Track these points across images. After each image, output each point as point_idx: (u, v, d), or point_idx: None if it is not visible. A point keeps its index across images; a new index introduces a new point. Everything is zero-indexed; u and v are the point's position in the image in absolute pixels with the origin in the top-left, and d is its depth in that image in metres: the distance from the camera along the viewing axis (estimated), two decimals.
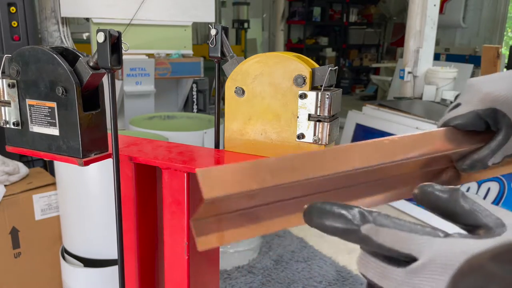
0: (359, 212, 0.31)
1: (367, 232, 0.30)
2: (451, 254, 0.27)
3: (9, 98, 0.65)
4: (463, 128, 0.49)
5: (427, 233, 0.29)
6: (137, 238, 0.72)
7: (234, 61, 0.67)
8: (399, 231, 0.29)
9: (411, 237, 0.29)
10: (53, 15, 2.59)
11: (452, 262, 0.27)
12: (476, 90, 0.49)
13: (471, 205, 0.30)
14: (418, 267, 0.28)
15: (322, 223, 0.32)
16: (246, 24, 6.42)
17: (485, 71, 3.23)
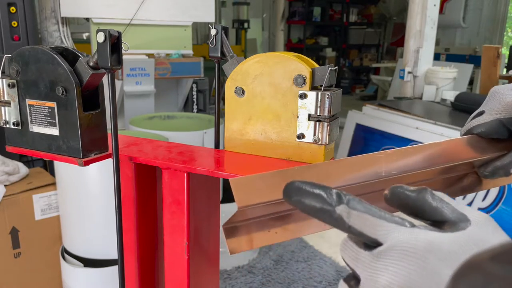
0: (336, 194, 0.32)
1: (340, 213, 0.31)
2: (413, 241, 0.29)
3: (9, 98, 0.65)
4: (486, 136, 0.50)
5: (395, 221, 0.31)
6: (137, 238, 0.72)
7: (234, 61, 0.67)
8: (369, 215, 0.31)
9: (379, 223, 0.31)
10: (53, 15, 2.59)
11: (412, 249, 0.29)
12: (500, 98, 0.49)
13: (438, 203, 0.32)
14: (381, 252, 0.30)
15: (300, 201, 0.33)
16: (246, 24, 6.42)
17: (485, 71, 3.23)
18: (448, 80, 3.38)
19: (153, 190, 0.74)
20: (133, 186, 0.70)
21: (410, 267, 0.29)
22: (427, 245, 0.29)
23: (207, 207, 0.71)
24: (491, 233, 0.30)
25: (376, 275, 0.30)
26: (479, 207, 2.31)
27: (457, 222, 0.30)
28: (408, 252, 0.29)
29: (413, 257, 0.29)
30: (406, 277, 0.28)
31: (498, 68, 3.11)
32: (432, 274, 0.28)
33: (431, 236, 0.30)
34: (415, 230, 0.30)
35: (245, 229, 0.42)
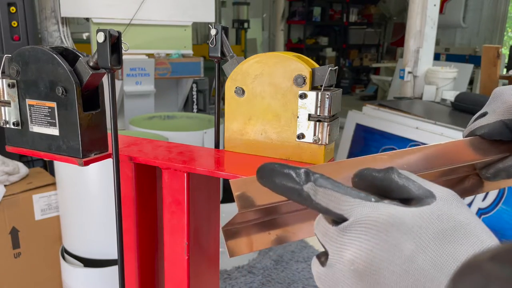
0: (304, 172, 0.33)
1: (307, 191, 0.32)
2: (376, 215, 0.29)
3: (9, 98, 0.65)
4: (489, 137, 0.49)
5: (359, 196, 0.31)
6: (137, 238, 0.72)
7: (234, 61, 0.67)
8: (334, 192, 0.32)
9: (344, 199, 0.31)
10: (53, 15, 2.59)
11: (375, 223, 0.29)
12: (504, 99, 0.48)
13: (404, 181, 0.32)
14: (346, 226, 0.31)
15: (272, 181, 0.34)
16: (246, 24, 6.42)
17: (485, 71, 3.23)
18: (448, 80, 3.38)
19: (153, 190, 0.74)
20: (133, 186, 0.70)
21: (372, 241, 0.29)
22: (389, 218, 0.29)
23: (207, 207, 0.71)
24: (456, 209, 0.30)
25: (341, 250, 0.31)
26: (479, 207, 2.31)
27: (423, 198, 0.31)
28: (371, 225, 0.29)
29: (376, 230, 0.29)
30: (369, 250, 0.29)
31: (498, 68, 3.11)
32: (394, 248, 0.28)
33: (394, 210, 0.30)
34: (379, 204, 0.31)
35: (245, 232, 0.42)
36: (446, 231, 0.28)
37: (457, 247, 0.27)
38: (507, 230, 2.16)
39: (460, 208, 0.30)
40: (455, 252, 0.27)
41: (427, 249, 0.28)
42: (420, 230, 0.28)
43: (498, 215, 2.22)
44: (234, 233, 0.41)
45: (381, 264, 0.28)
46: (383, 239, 0.29)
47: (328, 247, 0.32)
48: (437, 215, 0.29)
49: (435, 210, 0.29)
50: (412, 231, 0.28)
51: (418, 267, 0.27)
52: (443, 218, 0.29)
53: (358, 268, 0.29)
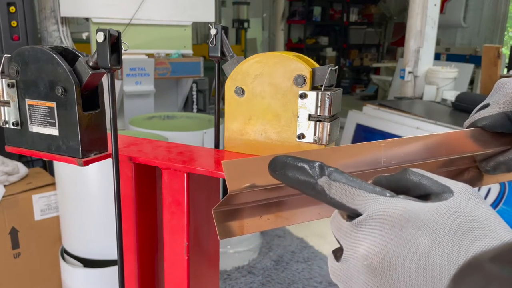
0: (318, 166, 0.32)
1: (322, 185, 0.32)
2: (390, 210, 0.29)
3: (8, 98, 0.65)
4: (490, 129, 0.48)
5: (374, 191, 0.31)
6: (137, 239, 0.72)
7: (234, 61, 0.66)
8: (349, 186, 0.31)
9: (358, 193, 0.31)
10: (52, 14, 2.59)
11: (389, 218, 0.29)
12: (506, 91, 0.48)
13: (419, 178, 0.32)
14: (360, 221, 0.30)
15: (284, 174, 0.33)
16: (246, 23, 6.42)
17: (485, 71, 3.22)
18: (449, 80, 3.38)
19: (153, 190, 0.73)
20: (133, 186, 0.69)
21: (387, 236, 0.28)
22: (404, 213, 0.28)
23: (207, 207, 0.71)
24: (474, 204, 0.29)
25: (356, 245, 0.30)
26: None
27: (440, 194, 0.30)
28: (385, 220, 0.29)
29: (390, 225, 0.28)
30: (383, 246, 0.28)
31: (499, 68, 3.11)
32: (409, 243, 0.28)
33: (409, 205, 0.29)
34: (394, 199, 0.30)
35: (237, 214, 0.41)
36: (464, 227, 0.27)
37: (475, 243, 0.27)
38: None
39: (478, 203, 0.29)
40: (472, 248, 0.27)
41: (443, 244, 0.27)
42: (436, 225, 0.28)
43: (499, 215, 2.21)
44: (225, 215, 0.41)
45: (396, 260, 0.28)
46: (397, 234, 0.28)
47: (342, 242, 0.32)
48: (454, 211, 0.28)
49: (453, 205, 0.29)
50: (428, 227, 0.28)
51: (434, 263, 0.27)
52: (461, 214, 0.28)
53: (371, 264, 0.29)
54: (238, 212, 0.41)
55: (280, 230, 2.86)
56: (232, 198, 0.39)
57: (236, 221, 0.41)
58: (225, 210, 0.41)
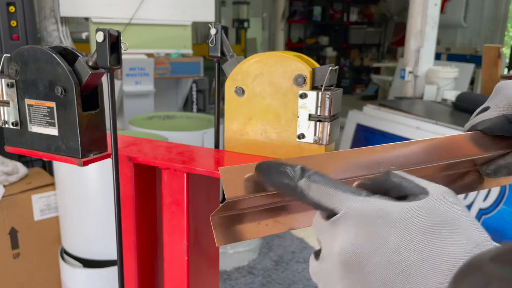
0: (299, 169, 0.34)
1: (301, 186, 0.33)
2: (363, 208, 0.30)
3: (8, 98, 0.65)
4: (490, 132, 0.48)
5: (350, 191, 0.32)
6: (137, 239, 0.72)
7: (234, 60, 0.66)
8: (326, 187, 0.33)
9: (335, 193, 0.32)
10: (52, 14, 2.58)
11: (362, 215, 0.30)
12: (506, 94, 0.47)
13: (398, 180, 0.33)
14: (336, 219, 0.32)
15: (269, 177, 0.36)
16: (246, 23, 6.42)
17: (486, 71, 3.22)
18: (449, 80, 3.37)
19: (153, 190, 0.73)
20: (133, 186, 0.69)
21: (359, 232, 0.30)
22: (377, 211, 0.30)
23: (207, 207, 0.71)
24: (447, 205, 0.30)
25: (332, 242, 0.31)
26: (480, 208, 2.30)
27: (416, 195, 0.31)
28: (359, 217, 0.30)
29: (364, 222, 0.30)
30: (356, 241, 0.29)
31: (499, 68, 3.10)
32: (380, 239, 0.29)
33: (383, 203, 0.30)
34: (368, 198, 0.31)
35: (235, 221, 0.41)
36: (434, 225, 0.28)
37: (444, 240, 0.27)
38: (508, 230, 2.16)
39: (452, 204, 0.30)
40: (441, 246, 0.27)
41: (413, 241, 0.28)
42: (407, 222, 0.29)
43: (499, 215, 2.21)
44: (222, 222, 0.41)
45: (368, 255, 0.29)
46: (369, 231, 0.29)
47: (321, 240, 0.33)
48: (426, 210, 0.29)
49: (425, 205, 0.30)
50: (399, 224, 0.29)
51: (404, 258, 0.28)
52: (432, 213, 0.29)
53: (345, 259, 0.30)
54: (236, 218, 0.41)
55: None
56: (230, 205, 0.39)
57: (234, 227, 0.41)
58: (223, 216, 0.40)
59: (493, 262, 0.23)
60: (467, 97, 2.95)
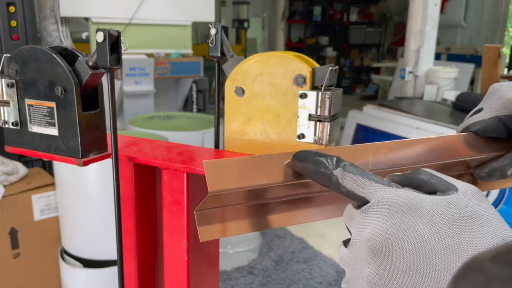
0: (336, 159, 0.36)
1: (336, 175, 0.35)
2: (395, 198, 0.32)
3: (8, 98, 0.65)
4: (484, 134, 0.48)
5: (382, 182, 0.34)
6: (137, 239, 0.72)
7: (234, 60, 0.66)
8: (360, 177, 0.35)
9: (368, 183, 0.34)
10: (52, 14, 2.58)
11: (393, 204, 0.31)
12: (500, 95, 0.47)
13: (429, 178, 0.34)
14: (368, 208, 0.33)
15: (305, 166, 0.38)
16: (246, 23, 6.42)
17: (486, 71, 3.22)
18: (449, 80, 3.37)
19: (153, 190, 0.73)
20: (133, 186, 0.69)
21: (390, 220, 0.31)
22: (407, 201, 0.31)
23: None
24: (475, 201, 0.31)
25: (362, 229, 0.33)
26: None
27: (446, 190, 0.32)
28: (390, 206, 0.32)
29: (394, 211, 0.31)
30: (385, 229, 0.31)
31: (499, 68, 3.10)
32: (409, 228, 0.30)
33: (413, 195, 0.32)
34: (400, 189, 0.33)
35: (219, 216, 0.41)
36: (462, 219, 0.29)
37: (472, 234, 0.28)
38: None
39: (480, 201, 0.31)
40: (468, 238, 0.28)
41: (441, 232, 0.29)
42: (436, 214, 0.30)
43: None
44: (207, 217, 0.40)
45: (396, 242, 0.30)
46: (399, 219, 0.31)
47: (351, 228, 0.35)
48: (454, 204, 0.30)
49: (454, 199, 0.31)
50: (428, 215, 0.30)
51: (431, 247, 0.29)
52: (461, 207, 0.30)
53: (374, 245, 0.31)
54: (221, 213, 0.41)
55: (280, 230, 2.86)
56: (214, 199, 0.39)
57: (218, 223, 0.41)
58: (207, 211, 0.40)
59: (493, 262, 0.23)
60: (467, 97, 2.95)
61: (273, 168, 0.39)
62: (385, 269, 0.30)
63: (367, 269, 0.31)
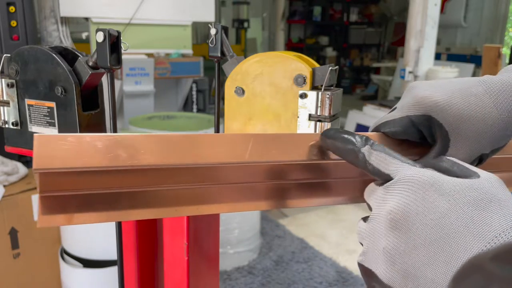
0: (364, 138, 0.37)
1: (364, 152, 0.36)
2: (418, 175, 0.32)
3: (8, 98, 0.65)
4: (394, 135, 0.44)
5: (407, 162, 0.35)
6: (137, 239, 0.72)
7: (234, 60, 0.66)
8: (386, 155, 0.35)
9: (392, 161, 0.35)
10: (52, 14, 2.58)
11: (416, 181, 0.32)
12: (413, 93, 0.43)
13: (451, 165, 0.35)
14: (390, 184, 0.34)
15: (334, 143, 0.39)
16: (246, 23, 6.42)
17: (486, 71, 3.22)
18: None
19: None
20: None
21: (411, 196, 0.32)
22: (430, 179, 0.32)
23: None
24: (496, 187, 0.31)
25: (383, 204, 0.34)
26: None
27: (468, 176, 0.33)
28: (412, 183, 0.32)
29: (416, 187, 0.32)
30: (407, 204, 0.32)
31: (499, 68, 3.10)
32: (430, 204, 0.31)
33: (436, 174, 0.32)
34: (423, 169, 0.34)
35: (67, 202, 0.37)
36: (482, 201, 0.30)
37: (489, 215, 0.29)
38: None
39: (500, 187, 0.32)
40: (486, 218, 0.29)
41: (460, 211, 0.29)
42: (457, 194, 0.30)
43: None
44: (51, 200, 0.36)
45: (416, 216, 0.31)
46: (421, 196, 0.31)
47: (372, 204, 0.36)
48: (476, 187, 0.31)
49: (475, 183, 0.31)
50: (449, 194, 0.31)
51: (450, 223, 0.29)
52: (481, 191, 0.31)
53: (394, 218, 0.32)
54: (69, 199, 0.37)
55: (280, 230, 2.86)
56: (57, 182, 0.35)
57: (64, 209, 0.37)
58: (53, 195, 0.36)
59: (493, 262, 0.23)
60: None
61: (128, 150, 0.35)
62: (403, 241, 0.31)
63: (385, 241, 0.32)
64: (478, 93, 0.40)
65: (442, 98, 0.41)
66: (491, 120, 0.40)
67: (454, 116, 0.40)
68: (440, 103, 0.41)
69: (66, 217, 0.37)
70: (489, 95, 0.40)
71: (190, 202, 0.41)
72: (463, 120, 0.40)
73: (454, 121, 0.40)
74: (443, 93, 0.41)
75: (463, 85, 0.42)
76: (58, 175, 0.35)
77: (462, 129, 0.41)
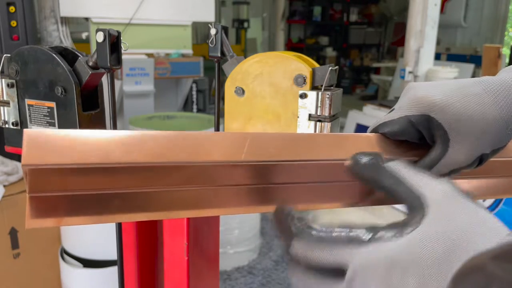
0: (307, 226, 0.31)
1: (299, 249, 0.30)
2: (375, 261, 0.28)
3: (8, 98, 0.65)
4: (392, 136, 0.43)
5: (352, 240, 0.29)
6: (137, 239, 0.72)
7: (234, 60, 0.66)
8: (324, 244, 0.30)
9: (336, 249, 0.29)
10: (52, 14, 2.58)
11: (377, 269, 0.27)
12: (411, 94, 0.42)
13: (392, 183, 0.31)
14: (349, 279, 0.29)
15: None
16: (246, 23, 6.42)
17: (486, 71, 3.22)
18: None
19: None
20: None
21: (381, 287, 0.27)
22: (387, 263, 0.27)
23: None
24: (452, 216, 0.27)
25: None
26: None
27: (413, 211, 0.29)
28: (373, 272, 0.28)
29: (380, 276, 0.28)
30: None
31: (499, 68, 3.10)
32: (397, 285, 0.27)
33: (388, 250, 0.28)
34: (373, 247, 0.29)
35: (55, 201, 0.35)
36: (444, 253, 0.26)
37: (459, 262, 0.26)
38: None
39: (457, 210, 0.28)
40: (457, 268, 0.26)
41: (429, 279, 0.26)
42: (415, 263, 0.26)
43: (499, 215, 2.21)
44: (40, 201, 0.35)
45: None
46: (387, 285, 0.27)
47: None
48: (428, 239, 0.27)
49: (426, 232, 0.27)
50: (410, 267, 0.26)
51: None
52: (437, 238, 0.27)
53: None
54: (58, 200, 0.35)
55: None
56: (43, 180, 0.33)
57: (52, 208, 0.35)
58: (44, 196, 0.35)
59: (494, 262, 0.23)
60: None
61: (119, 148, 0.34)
62: None
63: None
64: (477, 92, 0.40)
65: (441, 98, 0.40)
66: (491, 118, 0.39)
67: (453, 116, 0.40)
68: (439, 102, 0.40)
69: (56, 219, 0.36)
70: (488, 94, 0.40)
71: (185, 206, 0.40)
72: (462, 119, 0.39)
73: (453, 121, 0.40)
74: (441, 93, 0.40)
75: (461, 84, 0.41)
76: (48, 173, 0.33)
77: (461, 128, 0.40)
